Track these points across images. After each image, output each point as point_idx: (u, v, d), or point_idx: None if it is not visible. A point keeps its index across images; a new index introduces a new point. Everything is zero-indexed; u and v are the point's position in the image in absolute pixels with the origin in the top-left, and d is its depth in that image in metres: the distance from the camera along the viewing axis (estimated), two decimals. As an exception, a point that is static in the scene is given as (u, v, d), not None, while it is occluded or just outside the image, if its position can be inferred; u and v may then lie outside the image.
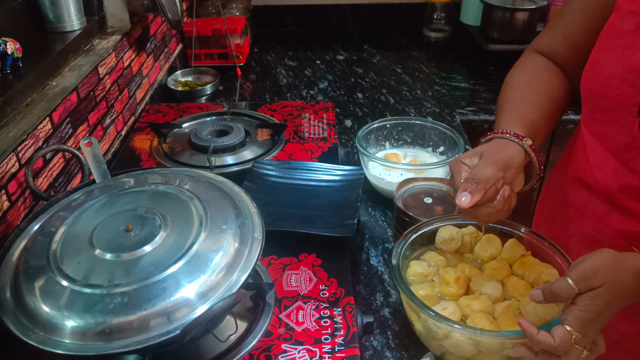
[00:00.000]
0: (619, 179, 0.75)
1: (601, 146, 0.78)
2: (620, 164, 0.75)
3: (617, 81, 0.71)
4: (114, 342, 0.57)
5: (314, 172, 1.07)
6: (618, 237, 0.78)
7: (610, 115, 0.74)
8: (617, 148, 0.75)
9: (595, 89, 0.76)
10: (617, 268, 0.62)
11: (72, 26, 1.13)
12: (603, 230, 0.80)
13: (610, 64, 0.73)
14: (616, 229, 0.78)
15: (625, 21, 0.71)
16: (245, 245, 0.66)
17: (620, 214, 0.77)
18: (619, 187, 0.75)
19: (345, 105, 1.60)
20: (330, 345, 0.73)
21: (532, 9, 1.81)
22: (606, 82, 0.73)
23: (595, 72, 0.75)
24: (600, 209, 0.80)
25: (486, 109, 1.56)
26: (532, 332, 0.62)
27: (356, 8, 2.18)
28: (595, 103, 0.77)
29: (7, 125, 0.87)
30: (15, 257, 0.68)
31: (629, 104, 0.71)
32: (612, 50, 0.73)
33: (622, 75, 0.70)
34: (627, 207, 0.76)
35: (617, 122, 0.73)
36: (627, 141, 0.73)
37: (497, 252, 0.84)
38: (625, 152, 0.74)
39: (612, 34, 0.73)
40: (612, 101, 0.73)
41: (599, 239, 0.80)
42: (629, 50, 0.70)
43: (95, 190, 0.77)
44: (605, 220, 0.79)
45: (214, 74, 1.72)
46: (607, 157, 0.77)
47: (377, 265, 0.99)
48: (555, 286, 0.63)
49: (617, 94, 0.72)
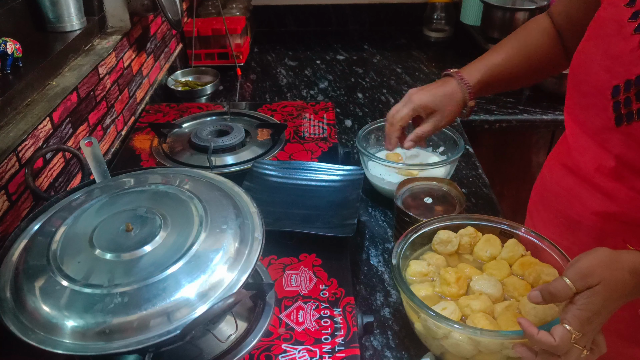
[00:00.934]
0: (595, 159, 0.79)
1: (581, 131, 0.81)
2: (597, 146, 0.78)
3: (596, 67, 0.76)
4: (114, 342, 0.57)
5: (314, 172, 1.07)
6: (595, 219, 0.81)
7: (589, 99, 0.78)
8: (594, 130, 0.78)
9: (578, 76, 0.80)
10: (612, 266, 0.63)
11: (72, 26, 1.13)
12: (582, 213, 0.83)
13: (590, 52, 0.77)
14: (593, 210, 0.81)
15: (606, 11, 0.75)
16: (245, 245, 0.66)
17: (597, 195, 0.80)
18: (596, 167, 0.79)
19: (345, 105, 1.60)
20: (330, 345, 0.73)
21: (532, 9, 1.81)
22: (587, 69, 0.78)
23: (580, 60, 0.80)
24: (581, 193, 0.83)
25: (486, 109, 1.56)
26: (532, 331, 0.63)
27: (356, 8, 2.18)
28: (577, 89, 0.81)
29: (7, 125, 0.87)
30: (15, 257, 0.68)
31: (604, 88, 0.74)
32: (594, 39, 0.77)
33: (600, 60, 0.75)
34: (603, 188, 0.79)
35: (595, 105, 0.77)
36: (602, 123, 0.76)
37: (497, 252, 0.84)
38: (601, 134, 0.77)
39: (597, 24, 0.77)
40: (591, 86, 0.77)
41: (578, 221, 0.83)
42: (606, 38, 0.74)
43: (95, 190, 0.77)
44: (583, 202, 0.82)
45: (214, 74, 1.72)
46: (586, 140, 0.80)
47: (377, 265, 0.99)
48: (552, 286, 0.64)
49: (595, 79, 0.76)
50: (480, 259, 0.85)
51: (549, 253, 0.81)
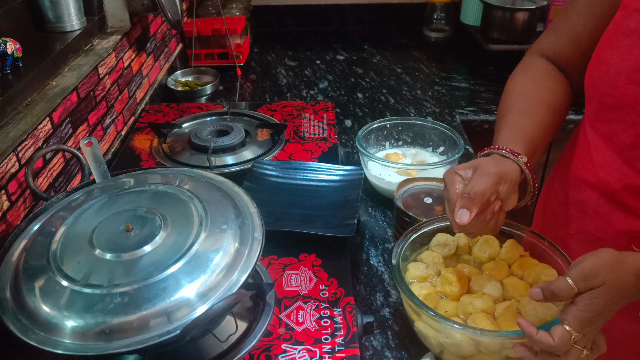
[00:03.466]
0: (622, 178, 0.75)
1: (605, 145, 0.77)
2: (624, 163, 0.75)
3: (623, 80, 0.71)
4: (114, 342, 0.57)
5: (314, 172, 1.07)
6: (620, 236, 0.78)
7: (615, 113, 0.74)
8: (621, 147, 0.74)
9: (600, 88, 0.75)
10: (617, 267, 0.62)
11: (72, 26, 1.13)
12: (605, 230, 0.80)
13: (615, 63, 0.72)
14: (618, 228, 0.78)
15: (631, 19, 0.71)
16: (245, 245, 0.66)
17: (623, 213, 0.77)
18: (623, 186, 0.75)
19: (345, 105, 1.60)
20: (330, 345, 0.73)
21: (532, 9, 1.81)
22: (611, 81, 0.73)
23: (600, 70, 0.75)
24: (603, 208, 0.79)
25: (486, 109, 1.56)
26: (532, 332, 0.62)
27: (356, 8, 2.18)
28: (600, 101, 0.77)
29: (7, 125, 0.87)
30: (15, 257, 0.68)
31: (634, 103, 0.70)
32: (618, 49, 0.72)
33: (628, 73, 0.70)
34: (630, 206, 0.76)
35: (623, 120, 0.73)
36: (632, 140, 0.72)
37: (496, 252, 0.84)
38: (629, 151, 0.73)
39: (618, 32, 0.73)
40: (617, 100, 0.73)
41: (600, 238, 0.80)
42: (635, 49, 0.70)
43: (95, 190, 0.77)
44: (607, 219, 0.79)
45: (214, 74, 1.72)
46: (611, 155, 0.76)
47: (377, 265, 0.99)
48: (554, 285, 0.63)
49: (622, 93, 0.71)
50: (479, 259, 0.85)
51: (548, 253, 0.81)
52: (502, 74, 1.78)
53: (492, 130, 0.84)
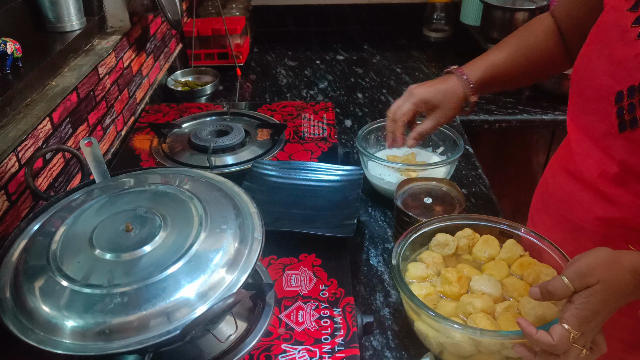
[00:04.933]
0: (599, 165, 0.78)
1: (584, 136, 0.81)
2: (601, 151, 0.78)
3: (599, 72, 0.75)
4: (114, 342, 0.57)
5: (314, 172, 1.07)
6: (598, 224, 0.81)
7: (592, 105, 0.78)
8: (597, 136, 0.78)
9: (581, 81, 0.80)
10: (613, 266, 0.63)
11: (72, 26, 1.13)
12: (585, 218, 0.83)
13: (595, 57, 0.77)
14: (596, 215, 0.81)
15: (609, 16, 0.75)
16: (245, 245, 0.66)
17: (600, 201, 0.80)
18: (599, 173, 0.78)
19: (345, 105, 1.60)
20: (330, 345, 0.73)
21: (532, 9, 1.81)
22: (590, 74, 0.77)
23: (583, 65, 0.79)
24: (584, 198, 0.83)
25: (486, 109, 1.56)
26: (531, 331, 0.63)
27: (356, 8, 2.18)
28: (580, 94, 0.81)
29: (7, 125, 0.87)
30: (15, 257, 0.68)
31: (608, 93, 0.74)
32: (598, 44, 0.77)
33: (604, 66, 0.74)
34: (606, 194, 0.79)
35: (598, 111, 0.77)
36: (606, 129, 0.76)
37: (496, 252, 0.84)
38: (604, 140, 0.77)
39: (600, 29, 0.77)
40: (594, 91, 0.77)
41: (581, 227, 0.83)
42: (610, 43, 0.74)
43: (95, 190, 0.77)
44: (587, 208, 0.82)
45: (214, 74, 1.72)
46: (589, 146, 0.80)
47: (377, 265, 0.99)
48: (550, 284, 0.64)
49: (598, 85, 0.76)
50: (479, 259, 0.85)
51: (548, 253, 0.81)
52: (502, 74, 1.77)
53: (492, 130, 0.85)
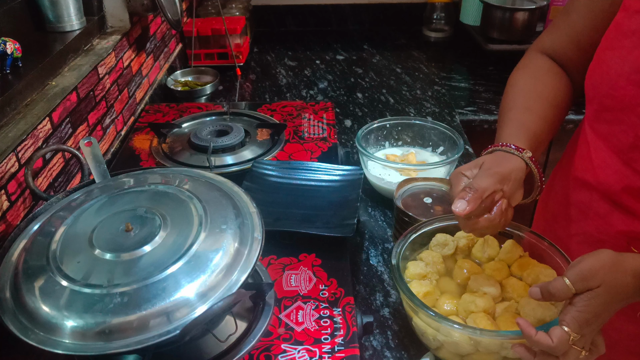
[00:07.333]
0: (622, 179, 0.75)
1: (605, 146, 0.77)
2: (623, 164, 0.74)
3: (623, 81, 0.71)
4: (114, 342, 0.57)
5: (314, 172, 1.07)
6: (620, 237, 0.78)
7: (614, 115, 0.74)
8: (621, 148, 0.74)
9: (600, 89, 0.75)
10: (615, 269, 0.62)
11: (71, 26, 1.13)
12: (605, 231, 0.79)
13: (616, 64, 0.72)
14: (618, 229, 0.78)
15: (632, 21, 0.71)
16: (245, 245, 0.66)
17: (623, 214, 0.77)
18: (622, 187, 0.75)
19: (345, 105, 1.60)
20: (330, 345, 0.73)
21: (532, 9, 1.81)
22: (612, 82, 0.73)
23: (601, 71, 0.75)
24: (603, 209, 0.79)
25: (486, 109, 1.56)
26: (530, 332, 0.62)
27: (356, 8, 2.18)
28: (600, 102, 0.77)
29: (6, 125, 0.87)
30: (15, 257, 0.68)
31: (634, 104, 0.70)
32: (618, 50, 0.72)
33: (629, 75, 0.70)
34: (629, 208, 0.76)
35: (622, 122, 0.73)
36: (631, 141, 0.72)
37: (495, 253, 0.84)
38: (629, 152, 0.73)
39: (619, 33, 0.73)
40: (617, 101, 0.73)
41: (600, 239, 0.80)
42: (635, 50, 0.70)
43: (95, 190, 0.77)
44: (607, 221, 0.79)
45: (214, 74, 1.72)
46: (610, 157, 0.76)
47: (377, 265, 0.99)
48: (552, 285, 0.63)
49: (622, 94, 0.71)
50: (478, 260, 0.85)
51: (548, 254, 0.81)
52: (502, 74, 1.78)
53: (492, 130, 0.84)
